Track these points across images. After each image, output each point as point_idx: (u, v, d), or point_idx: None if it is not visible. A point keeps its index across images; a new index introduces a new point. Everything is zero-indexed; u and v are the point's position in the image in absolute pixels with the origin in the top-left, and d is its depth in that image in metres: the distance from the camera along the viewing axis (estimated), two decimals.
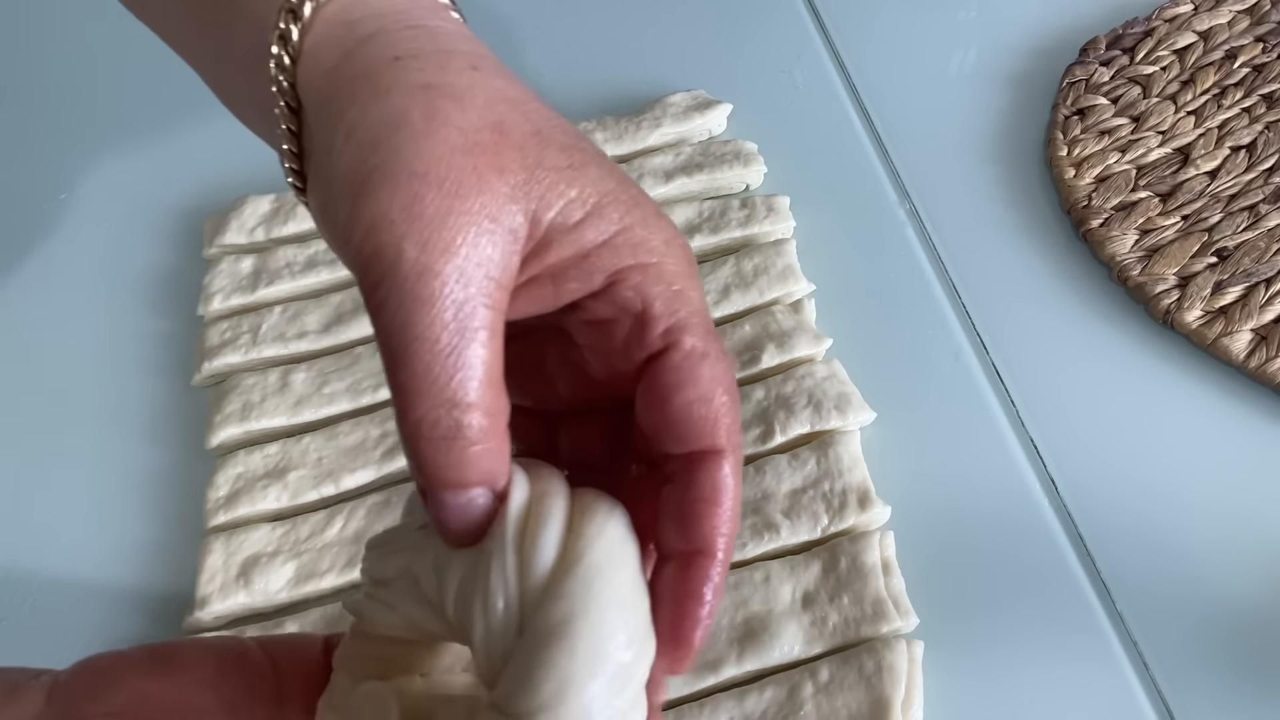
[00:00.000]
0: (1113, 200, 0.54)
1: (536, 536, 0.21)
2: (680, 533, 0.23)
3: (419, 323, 0.21)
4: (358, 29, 0.23)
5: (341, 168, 0.22)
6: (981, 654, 0.41)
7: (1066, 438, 0.47)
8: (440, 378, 0.21)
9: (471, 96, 0.22)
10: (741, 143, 0.57)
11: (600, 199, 0.23)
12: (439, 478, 0.21)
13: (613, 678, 0.21)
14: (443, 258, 0.21)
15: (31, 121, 0.66)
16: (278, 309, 0.53)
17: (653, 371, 0.23)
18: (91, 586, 0.45)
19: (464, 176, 0.21)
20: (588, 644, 0.20)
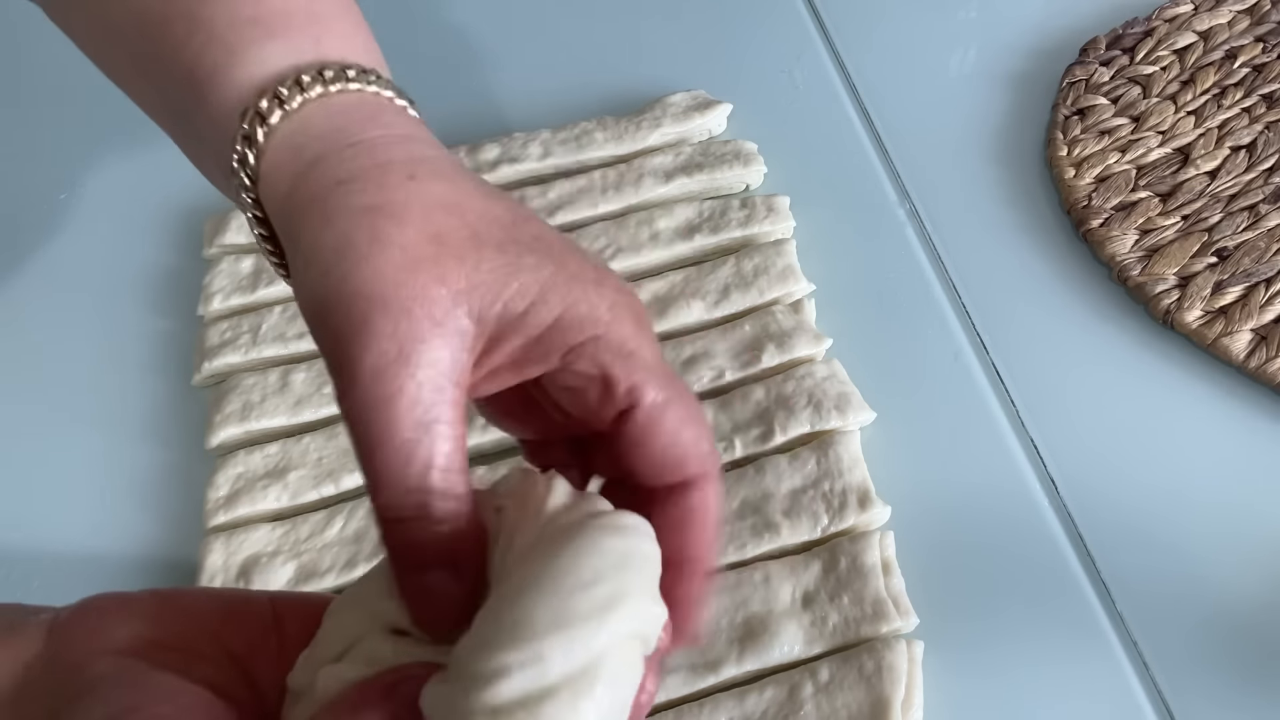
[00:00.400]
0: (1113, 200, 0.54)
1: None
2: (669, 545, 0.25)
3: (379, 425, 0.23)
4: (304, 153, 0.26)
5: (305, 289, 0.25)
6: (981, 654, 0.41)
7: (1066, 438, 0.47)
8: (400, 471, 0.23)
9: (409, 212, 0.24)
10: (741, 143, 0.57)
11: (540, 287, 0.25)
12: (406, 558, 0.23)
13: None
14: (393, 368, 0.23)
15: (31, 121, 0.66)
16: (278, 309, 0.53)
17: (624, 426, 0.25)
18: (92, 586, 0.45)
19: (408, 293, 0.23)
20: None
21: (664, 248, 0.53)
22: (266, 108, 0.26)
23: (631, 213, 0.55)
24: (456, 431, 0.24)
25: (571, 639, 0.20)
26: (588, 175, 0.57)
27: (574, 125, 0.59)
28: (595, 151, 0.57)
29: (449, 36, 0.66)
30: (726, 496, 0.44)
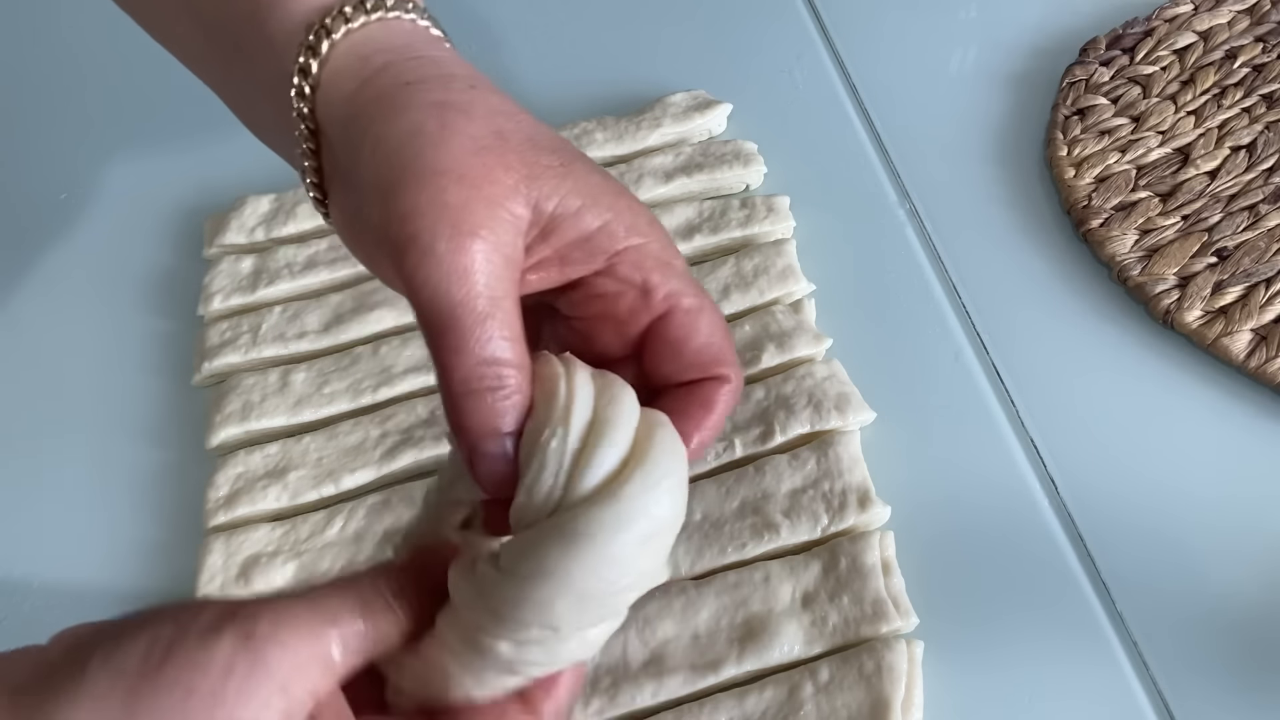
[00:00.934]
0: (1113, 200, 0.54)
1: (601, 444, 0.24)
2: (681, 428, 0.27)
3: (458, 294, 0.24)
4: (371, 61, 0.27)
5: (371, 175, 0.25)
6: (981, 654, 0.41)
7: (1066, 438, 0.47)
8: (480, 339, 0.24)
9: (474, 110, 0.26)
10: (741, 143, 0.57)
11: (591, 190, 0.27)
12: (483, 428, 0.24)
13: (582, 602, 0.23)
14: (470, 238, 0.24)
15: (32, 121, 0.66)
16: (278, 309, 0.53)
17: (660, 330, 0.28)
18: (91, 586, 0.45)
19: (477, 173, 0.25)
20: (587, 563, 0.23)
21: None
22: (331, 22, 0.27)
23: None
24: (519, 307, 0.25)
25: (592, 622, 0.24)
26: None
27: (574, 125, 0.59)
28: (595, 151, 0.57)
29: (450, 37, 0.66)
30: (726, 496, 0.44)
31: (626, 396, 0.25)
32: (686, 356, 0.28)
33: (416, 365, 0.50)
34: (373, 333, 0.51)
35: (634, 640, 0.41)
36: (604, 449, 0.24)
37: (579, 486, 0.23)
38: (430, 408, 0.48)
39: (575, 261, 0.27)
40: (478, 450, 0.25)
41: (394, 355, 0.50)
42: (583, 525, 0.23)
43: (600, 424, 0.24)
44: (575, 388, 0.25)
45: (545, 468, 0.24)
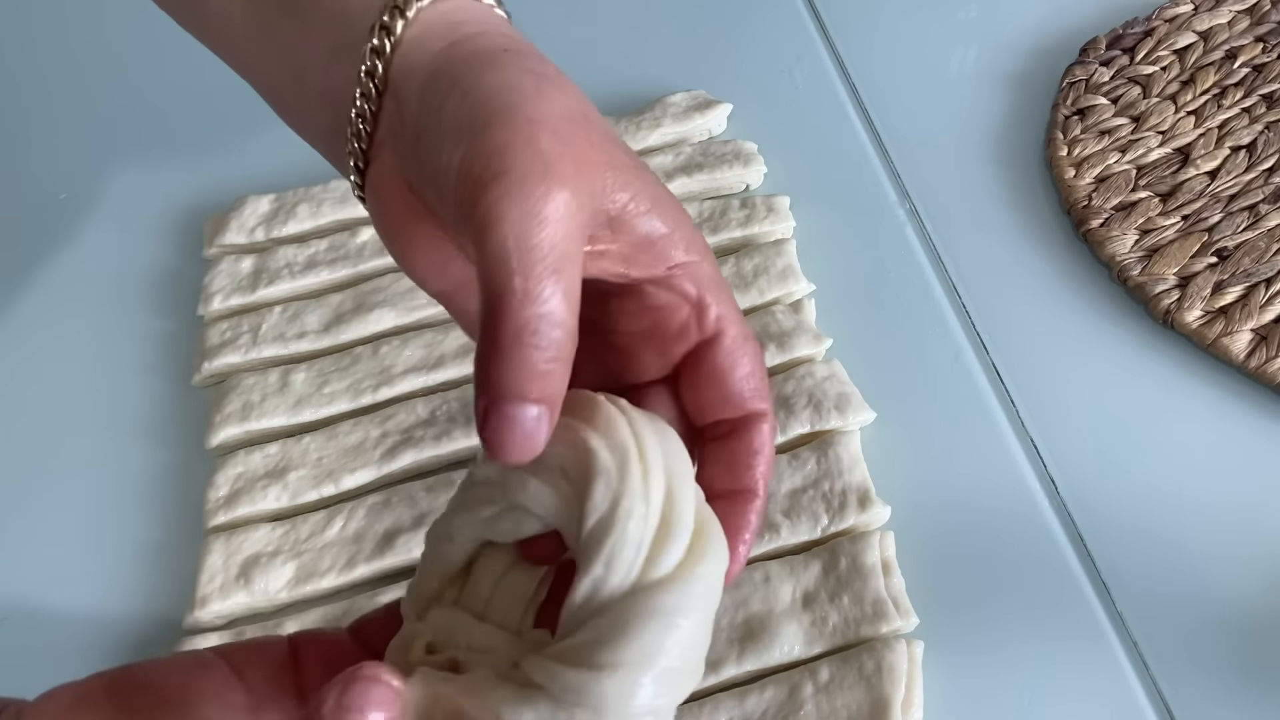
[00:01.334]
0: (1113, 200, 0.54)
1: (675, 520, 0.23)
2: (731, 477, 0.27)
3: (534, 238, 0.22)
4: (463, 28, 0.27)
5: (457, 118, 0.24)
6: (981, 654, 0.41)
7: (1066, 438, 0.47)
8: (546, 290, 0.22)
9: (566, 88, 0.26)
10: (741, 143, 0.57)
11: (659, 197, 0.26)
12: (515, 386, 0.22)
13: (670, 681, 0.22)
14: (559, 187, 0.23)
15: (32, 121, 0.66)
16: (278, 309, 0.53)
17: (706, 354, 0.27)
18: (92, 586, 0.45)
19: (569, 134, 0.24)
20: (680, 643, 0.22)
21: None
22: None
23: None
24: (580, 276, 0.24)
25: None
26: None
27: None
28: None
29: None
30: None
31: (687, 465, 0.24)
32: (730, 385, 0.27)
33: (416, 365, 0.50)
34: (373, 333, 0.51)
35: None
36: (681, 525, 0.23)
37: (661, 564, 0.22)
38: (430, 408, 0.48)
39: (638, 263, 0.26)
40: (498, 409, 0.22)
41: (394, 355, 0.50)
42: (683, 602, 0.22)
43: (674, 501, 0.23)
44: (648, 451, 0.23)
45: (626, 544, 0.22)
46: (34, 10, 0.73)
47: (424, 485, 0.46)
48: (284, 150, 0.61)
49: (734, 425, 0.28)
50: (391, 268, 0.54)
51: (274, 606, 0.44)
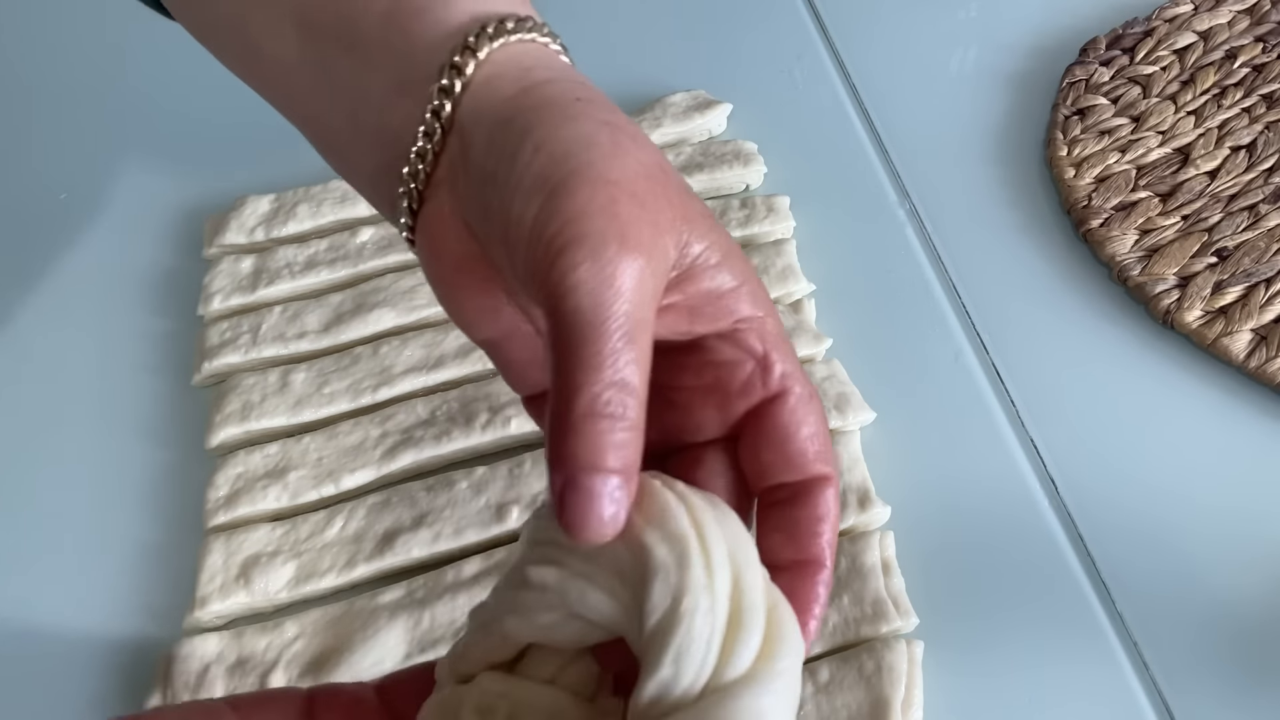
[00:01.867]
0: (1113, 200, 0.54)
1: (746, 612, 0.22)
2: (795, 546, 0.26)
3: (610, 308, 0.22)
4: (534, 73, 0.27)
5: (533, 172, 0.24)
6: (981, 654, 0.41)
7: (1066, 438, 0.47)
8: (622, 360, 0.22)
9: (640, 139, 0.25)
10: (741, 143, 0.57)
11: (729, 249, 0.26)
12: (592, 459, 0.22)
13: None
14: (635, 252, 0.23)
15: (32, 121, 0.66)
16: (278, 309, 0.53)
17: (770, 413, 0.26)
18: (92, 586, 0.45)
19: (646, 195, 0.24)
20: None
21: None
22: (493, 30, 0.27)
23: None
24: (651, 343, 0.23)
25: None
26: None
27: None
28: None
29: None
30: None
31: (753, 549, 0.23)
32: (795, 445, 0.26)
33: (416, 365, 0.50)
34: (373, 333, 0.51)
35: None
36: (753, 616, 0.22)
37: (737, 661, 0.21)
38: (430, 408, 0.48)
39: (704, 317, 0.26)
40: (575, 484, 0.22)
41: (394, 355, 0.50)
42: (766, 702, 0.21)
43: (742, 591, 0.22)
44: (709, 539, 0.22)
45: (694, 641, 0.21)
46: (34, 11, 0.73)
47: (424, 485, 0.46)
48: (284, 150, 0.61)
49: (796, 490, 0.27)
50: (391, 268, 0.54)
51: (274, 606, 0.44)
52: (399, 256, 0.54)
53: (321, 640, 0.42)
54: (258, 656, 0.42)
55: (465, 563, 0.44)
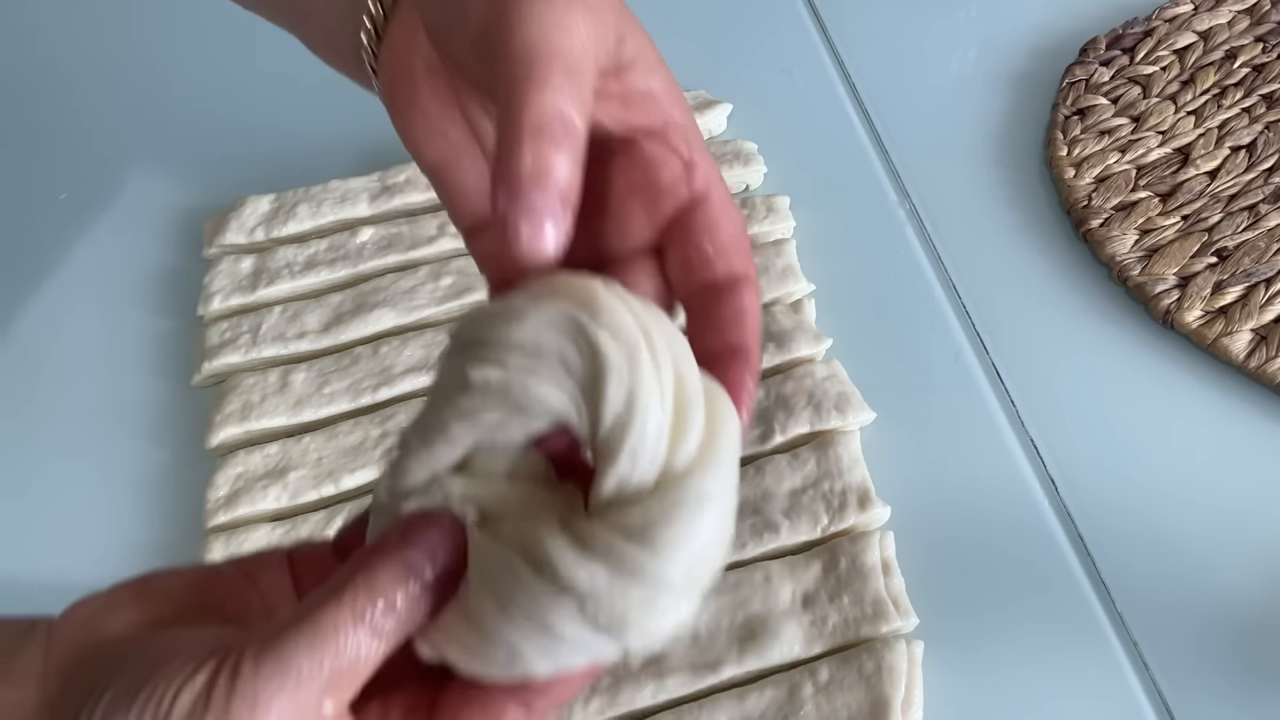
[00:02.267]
0: (1113, 200, 0.54)
1: (688, 404, 0.23)
2: (719, 337, 0.28)
3: (559, 42, 0.23)
4: None
5: None
6: (981, 654, 0.41)
7: (1066, 438, 0.47)
8: (569, 89, 0.23)
9: None
10: (741, 143, 0.57)
11: (659, 61, 0.27)
12: (540, 171, 0.22)
13: (713, 557, 0.23)
14: (584, 10, 0.24)
15: (32, 121, 0.66)
16: (278, 309, 0.53)
17: (695, 212, 0.27)
18: (92, 586, 0.45)
19: None
20: (719, 517, 0.22)
21: None
22: None
23: None
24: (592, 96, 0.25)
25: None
26: None
27: None
28: None
29: None
30: None
31: (687, 345, 0.24)
32: (720, 241, 0.27)
33: (416, 365, 0.50)
34: (373, 333, 0.51)
35: None
36: (695, 407, 0.23)
37: (685, 448, 0.22)
38: None
39: (639, 111, 0.27)
40: (521, 196, 0.22)
41: (394, 355, 0.50)
42: (713, 486, 0.22)
43: (684, 385, 0.23)
44: (655, 340, 0.23)
45: (647, 437, 0.22)
46: (35, 11, 0.73)
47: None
48: (284, 150, 0.61)
49: (720, 289, 0.28)
50: (391, 268, 0.54)
51: None
52: (399, 256, 0.54)
53: None
54: None
55: None
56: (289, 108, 0.63)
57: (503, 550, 0.22)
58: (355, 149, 0.60)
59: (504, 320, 0.23)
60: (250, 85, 0.65)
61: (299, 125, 0.62)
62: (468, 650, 0.22)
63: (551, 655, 0.22)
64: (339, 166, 0.59)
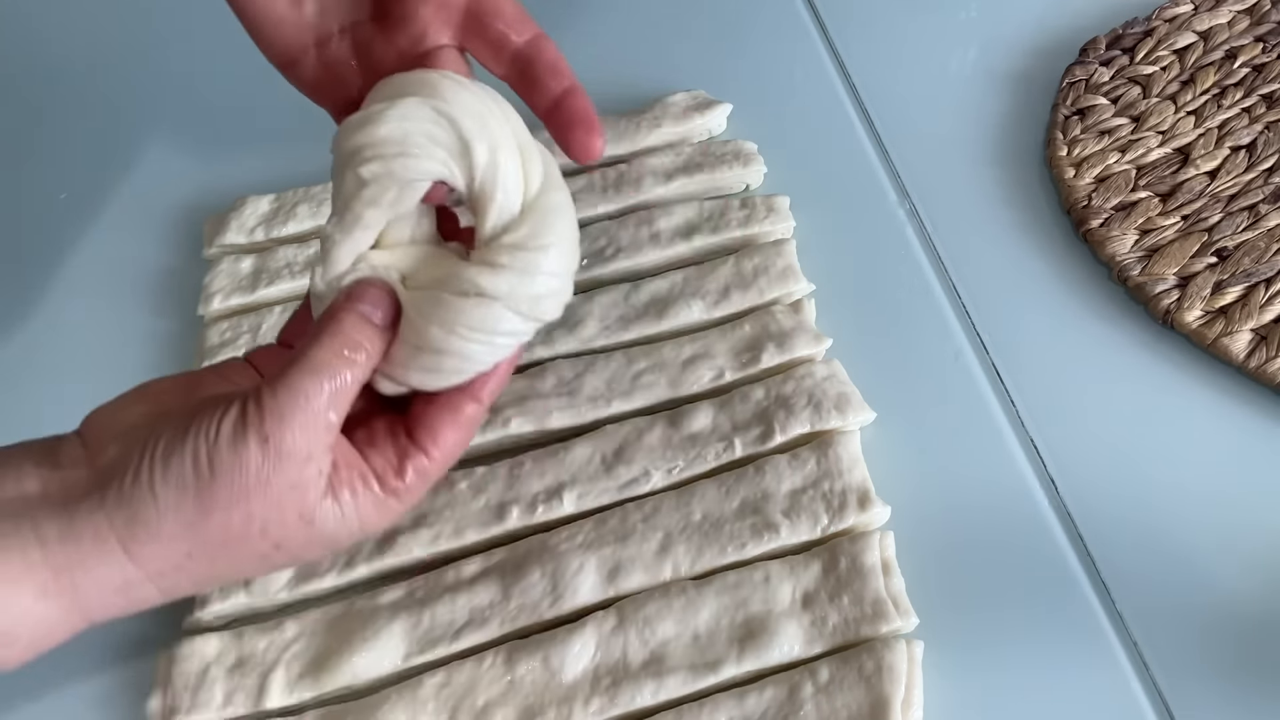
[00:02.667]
0: (1113, 200, 0.54)
1: (527, 146, 0.30)
2: (549, 92, 0.33)
3: None
4: None
5: None
6: (981, 654, 0.41)
7: (1066, 438, 0.47)
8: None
9: None
10: (741, 143, 0.57)
11: None
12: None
13: (576, 249, 0.31)
14: None
15: (32, 122, 0.66)
16: (278, 309, 0.53)
17: (481, 6, 0.33)
18: None
19: None
20: (573, 221, 0.31)
21: (664, 248, 0.53)
22: None
23: (631, 213, 0.55)
24: None
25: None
26: (588, 175, 0.57)
27: None
28: None
29: None
30: (726, 496, 0.44)
31: (511, 108, 0.31)
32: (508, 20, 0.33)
33: None
34: None
35: (634, 640, 0.41)
36: (532, 146, 0.30)
37: (534, 178, 0.30)
38: None
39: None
40: None
41: None
42: (560, 198, 0.30)
43: (519, 133, 0.30)
44: (492, 105, 0.30)
45: (510, 176, 0.29)
46: (34, 11, 0.73)
47: None
48: (284, 150, 0.61)
49: (528, 56, 0.33)
50: None
51: (274, 606, 0.44)
52: None
53: (321, 640, 0.42)
54: (258, 656, 0.42)
55: (465, 563, 0.44)
56: (289, 108, 0.63)
57: (431, 291, 0.30)
58: None
59: (371, 124, 0.29)
60: (250, 85, 0.65)
61: (299, 125, 0.62)
62: (426, 370, 0.30)
63: (493, 347, 0.30)
64: None
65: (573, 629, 0.41)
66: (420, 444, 0.30)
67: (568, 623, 0.42)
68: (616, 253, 0.53)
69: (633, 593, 0.42)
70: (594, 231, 0.54)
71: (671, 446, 0.46)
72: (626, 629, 0.41)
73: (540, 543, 0.44)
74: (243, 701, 0.41)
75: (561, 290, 0.30)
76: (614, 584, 0.42)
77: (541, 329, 0.31)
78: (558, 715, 0.39)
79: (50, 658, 0.44)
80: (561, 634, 0.41)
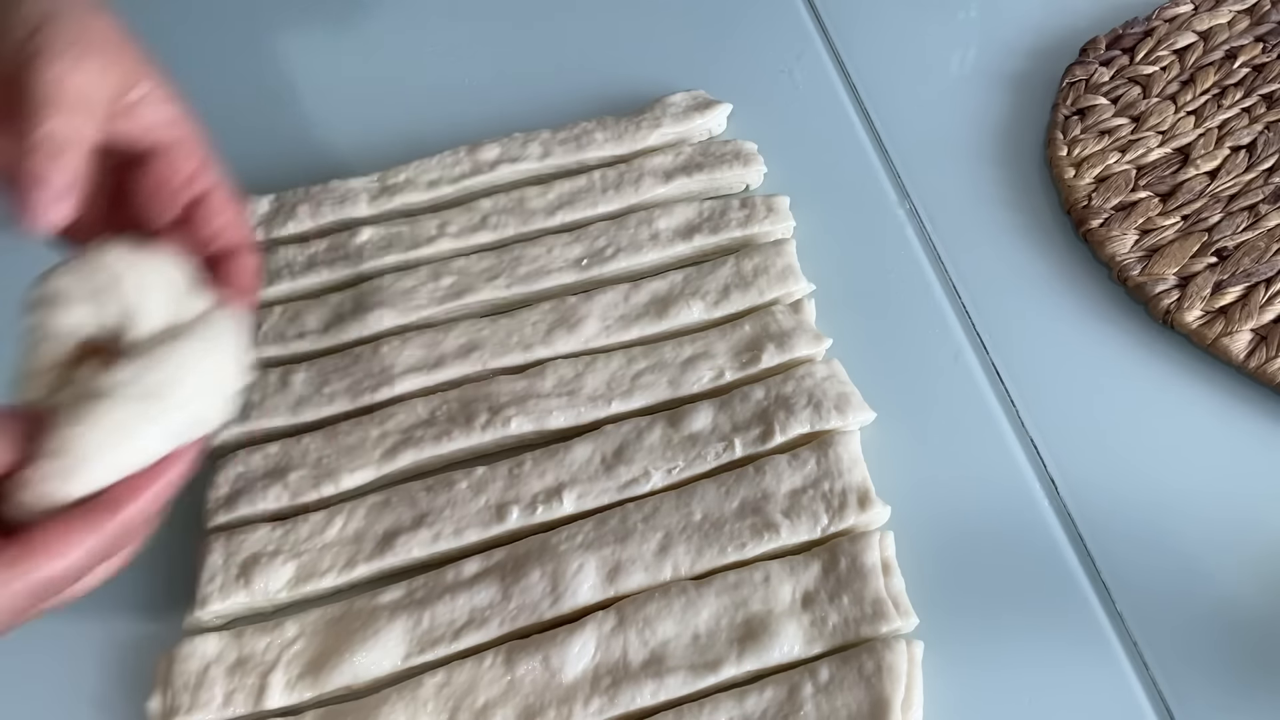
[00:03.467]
0: (1113, 200, 0.54)
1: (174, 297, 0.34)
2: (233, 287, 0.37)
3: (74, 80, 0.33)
4: None
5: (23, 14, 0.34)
6: (981, 654, 0.41)
7: (1066, 438, 0.47)
8: (83, 114, 0.33)
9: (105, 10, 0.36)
10: (741, 143, 0.57)
11: (168, 94, 0.37)
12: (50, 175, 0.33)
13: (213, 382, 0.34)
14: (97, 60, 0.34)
15: None
16: (278, 309, 0.53)
17: (204, 203, 0.38)
18: None
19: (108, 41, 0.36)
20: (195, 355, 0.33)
21: (664, 248, 0.53)
22: None
23: (631, 213, 0.55)
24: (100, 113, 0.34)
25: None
26: (588, 175, 0.57)
27: (574, 125, 0.59)
28: (595, 151, 0.57)
29: (452, 36, 0.66)
30: (726, 496, 0.44)
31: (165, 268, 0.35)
32: (221, 225, 0.37)
33: (416, 365, 0.50)
34: (373, 333, 0.51)
35: (634, 640, 0.41)
36: (175, 303, 0.34)
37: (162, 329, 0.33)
38: (430, 408, 0.48)
39: (158, 132, 0.37)
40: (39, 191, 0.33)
41: (394, 355, 0.50)
42: (213, 329, 0.34)
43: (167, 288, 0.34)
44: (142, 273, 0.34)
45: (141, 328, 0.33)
46: None
47: (424, 485, 0.46)
48: (284, 150, 0.61)
49: (228, 256, 0.37)
50: (391, 267, 0.54)
51: (274, 606, 0.44)
52: (398, 256, 0.54)
53: (321, 640, 0.42)
54: (258, 656, 0.42)
55: (465, 563, 0.44)
56: (289, 108, 0.63)
57: (72, 396, 0.32)
58: (355, 149, 0.60)
59: (47, 284, 0.35)
60: (250, 85, 0.65)
61: (299, 125, 0.62)
62: (65, 476, 0.31)
63: (152, 433, 0.32)
64: (339, 166, 0.59)
65: (573, 629, 0.41)
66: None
67: (568, 623, 0.42)
68: (616, 253, 0.53)
69: (633, 593, 0.42)
70: (594, 231, 0.54)
71: (671, 446, 0.46)
72: (626, 629, 0.41)
73: (540, 543, 0.44)
74: (243, 701, 0.41)
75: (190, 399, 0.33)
76: (614, 584, 0.42)
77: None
78: (558, 715, 0.39)
79: (50, 658, 0.44)
80: (561, 634, 0.41)
